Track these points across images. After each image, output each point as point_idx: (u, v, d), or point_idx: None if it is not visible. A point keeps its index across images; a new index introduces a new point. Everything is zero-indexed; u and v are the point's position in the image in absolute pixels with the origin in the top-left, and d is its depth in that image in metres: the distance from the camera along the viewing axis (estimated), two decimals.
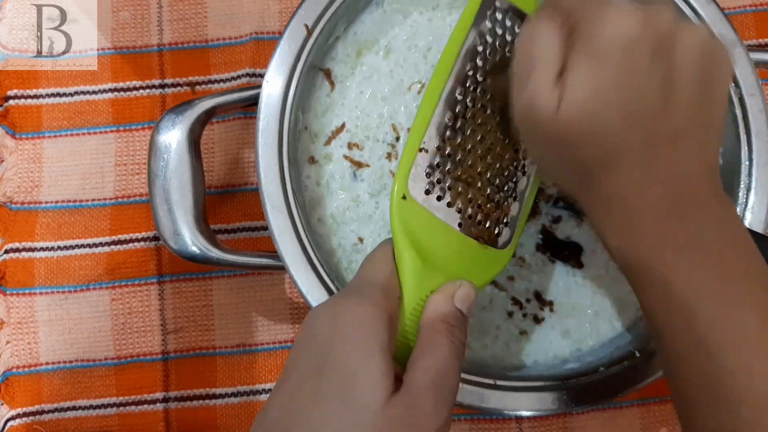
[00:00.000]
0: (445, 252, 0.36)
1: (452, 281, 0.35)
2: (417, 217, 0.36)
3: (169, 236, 0.42)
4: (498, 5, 0.39)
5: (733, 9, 0.53)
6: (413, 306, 0.34)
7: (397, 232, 0.35)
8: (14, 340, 0.49)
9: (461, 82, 0.37)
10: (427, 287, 0.34)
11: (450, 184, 0.37)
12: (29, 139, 0.51)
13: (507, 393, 0.41)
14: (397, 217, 0.35)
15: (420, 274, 0.34)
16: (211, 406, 0.48)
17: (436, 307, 0.33)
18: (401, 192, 0.36)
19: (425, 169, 0.36)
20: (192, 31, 0.53)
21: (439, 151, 0.36)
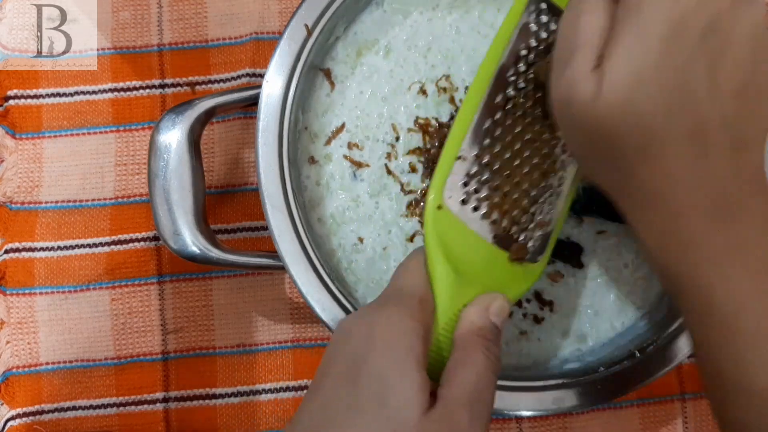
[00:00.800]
0: (479, 264, 0.35)
1: (486, 294, 0.34)
2: (451, 228, 0.34)
3: (169, 236, 0.42)
4: (543, 7, 0.37)
5: None
6: (447, 319, 0.33)
7: (432, 243, 0.34)
8: (14, 340, 0.49)
9: (502, 88, 0.36)
10: (460, 300, 0.33)
11: (486, 194, 0.35)
12: (29, 139, 0.51)
13: (507, 393, 0.41)
14: (431, 227, 0.34)
15: (454, 287, 0.34)
16: (211, 406, 0.48)
17: (471, 320, 0.33)
18: (437, 201, 0.34)
19: (462, 178, 0.35)
20: (192, 31, 0.53)
21: (477, 159, 0.35)
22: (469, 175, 0.35)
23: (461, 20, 0.47)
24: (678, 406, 0.48)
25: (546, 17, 0.37)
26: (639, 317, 0.45)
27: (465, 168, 0.35)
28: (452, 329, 0.33)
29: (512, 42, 0.36)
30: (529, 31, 0.36)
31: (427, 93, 0.46)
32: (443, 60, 0.46)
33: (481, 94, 0.35)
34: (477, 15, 0.47)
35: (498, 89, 0.36)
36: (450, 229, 0.34)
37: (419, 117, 0.45)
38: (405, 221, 0.45)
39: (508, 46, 0.36)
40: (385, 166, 0.45)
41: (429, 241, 0.34)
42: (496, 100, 0.36)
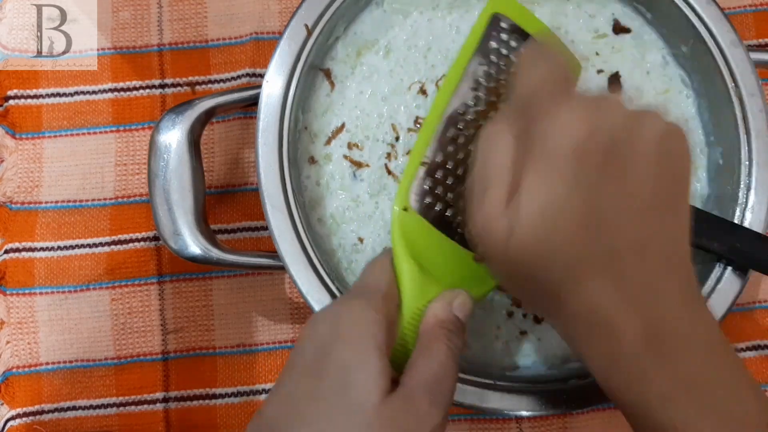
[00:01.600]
0: (444, 263, 0.37)
1: (450, 290, 0.35)
2: (417, 229, 0.37)
3: (169, 236, 0.42)
4: (503, 26, 0.39)
5: (733, 9, 0.53)
6: (412, 314, 0.34)
7: (397, 244, 0.36)
8: (14, 340, 0.49)
9: (464, 99, 0.38)
10: (425, 296, 0.35)
11: (450, 198, 0.37)
12: (29, 139, 0.51)
13: (507, 393, 0.41)
14: (397, 228, 0.36)
15: (419, 284, 0.35)
16: (211, 406, 0.48)
17: (435, 314, 0.34)
18: (402, 204, 0.37)
19: (427, 183, 0.37)
20: (192, 31, 0.53)
21: (441, 164, 0.37)
22: (434, 179, 0.37)
23: (461, 20, 0.47)
24: None
25: (506, 35, 0.40)
26: None
27: (429, 173, 0.37)
28: (417, 324, 0.34)
29: (475, 56, 0.39)
30: (489, 48, 0.39)
31: (427, 93, 0.46)
32: (443, 60, 0.46)
33: (445, 104, 0.38)
34: (477, 15, 0.46)
35: (461, 99, 0.38)
36: (416, 230, 0.37)
37: (419, 117, 0.46)
38: None
39: (470, 60, 0.39)
40: (385, 166, 0.45)
41: (395, 240, 0.36)
42: (459, 110, 0.38)
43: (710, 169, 0.46)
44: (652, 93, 0.47)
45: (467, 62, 0.39)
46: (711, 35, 0.44)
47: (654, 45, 0.48)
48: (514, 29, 0.40)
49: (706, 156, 0.46)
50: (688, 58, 0.46)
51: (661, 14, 0.47)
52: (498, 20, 0.39)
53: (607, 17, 0.48)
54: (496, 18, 0.39)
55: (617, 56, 0.47)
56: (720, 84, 0.44)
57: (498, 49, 0.39)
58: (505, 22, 0.40)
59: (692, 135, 0.47)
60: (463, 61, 0.39)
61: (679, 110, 0.47)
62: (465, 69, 0.39)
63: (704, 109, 0.46)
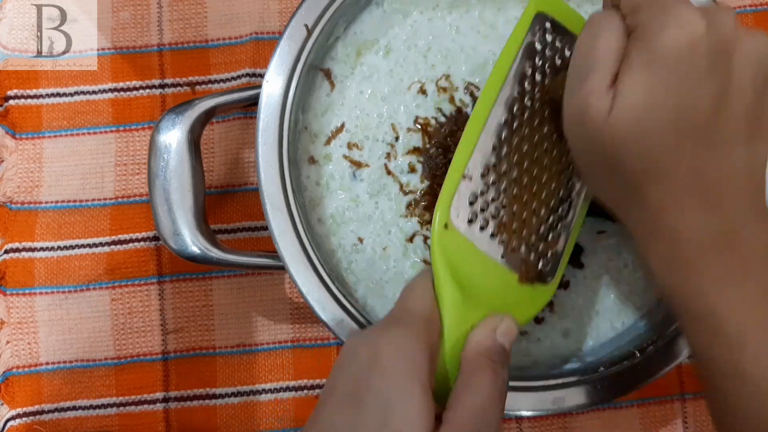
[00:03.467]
0: (487, 286, 0.34)
1: (494, 315, 0.33)
2: (458, 248, 0.34)
3: (169, 236, 0.42)
4: (548, 26, 0.37)
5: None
6: (453, 341, 0.32)
7: (439, 263, 0.33)
8: (14, 340, 0.49)
9: (508, 107, 0.36)
10: (468, 322, 0.33)
11: (494, 213, 0.35)
12: (29, 139, 0.51)
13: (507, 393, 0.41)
14: (438, 247, 0.34)
15: (461, 309, 0.33)
16: (211, 406, 0.48)
17: (478, 342, 0.32)
18: (443, 220, 0.34)
19: (468, 197, 0.34)
20: (192, 31, 0.53)
21: (483, 178, 0.35)
22: (476, 194, 0.35)
23: (461, 20, 0.47)
24: (678, 406, 0.48)
25: (551, 36, 0.37)
26: (639, 317, 0.45)
27: (471, 187, 0.35)
28: (459, 351, 0.32)
29: (517, 60, 0.36)
30: (534, 50, 0.36)
31: (426, 93, 0.46)
32: (443, 60, 0.46)
33: (487, 112, 0.35)
34: (477, 15, 0.47)
35: (504, 107, 0.36)
36: (457, 249, 0.34)
37: (419, 117, 0.46)
38: (404, 221, 0.45)
39: (513, 65, 0.36)
40: (384, 166, 0.45)
41: (436, 260, 0.34)
42: (503, 119, 0.35)
43: None
44: None
45: (510, 66, 0.36)
46: None
47: None
48: (558, 29, 0.37)
49: None
50: None
51: None
52: (542, 20, 0.37)
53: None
54: (540, 18, 0.37)
55: None
56: None
57: (543, 50, 0.37)
58: (549, 22, 0.37)
59: None
60: (505, 64, 0.36)
61: None
62: (507, 73, 0.36)
63: None
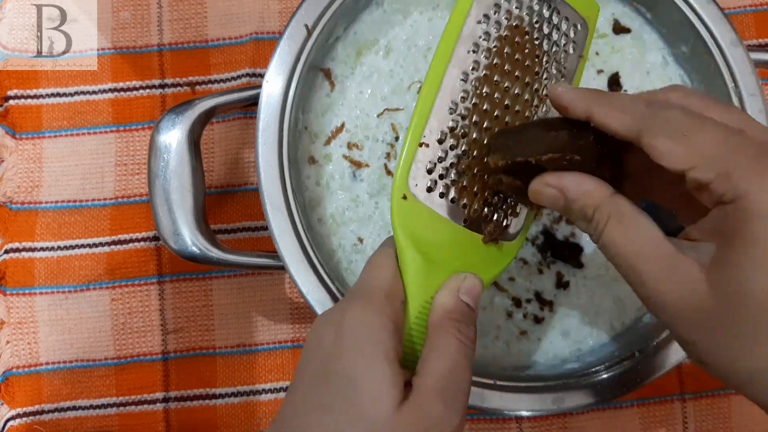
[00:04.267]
0: (451, 250, 0.34)
1: (456, 275, 0.33)
2: (419, 217, 0.34)
3: (169, 236, 0.42)
4: None
5: (733, 9, 0.53)
6: (419, 308, 0.32)
7: (399, 234, 0.33)
8: (14, 340, 0.49)
9: (462, 67, 0.34)
10: (432, 287, 0.33)
11: (454, 179, 0.34)
12: (29, 139, 0.51)
13: (507, 393, 0.41)
14: (397, 217, 0.33)
15: (424, 275, 0.33)
16: (211, 406, 0.48)
17: (441, 303, 0.32)
18: (401, 191, 0.34)
19: (426, 165, 0.34)
20: (192, 31, 0.53)
21: (440, 144, 0.34)
22: (434, 161, 0.34)
23: None
24: (678, 406, 0.48)
25: None
26: (639, 317, 0.45)
27: (429, 155, 0.34)
28: (425, 318, 0.32)
29: (471, 14, 0.34)
30: (487, 3, 0.35)
31: None
32: None
33: (441, 75, 0.34)
34: None
35: (459, 67, 0.34)
36: (417, 217, 0.34)
37: None
38: None
39: (466, 19, 0.34)
40: (384, 166, 0.45)
41: (396, 231, 0.33)
42: (458, 81, 0.34)
43: None
44: None
45: (462, 23, 0.34)
46: (711, 35, 0.44)
47: (654, 45, 0.48)
48: None
49: None
50: (688, 58, 0.46)
51: (661, 14, 0.47)
52: None
53: (607, 17, 0.48)
54: None
55: (617, 56, 0.47)
56: (720, 84, 0.44)
57: (497, 2, 0.35)
58: None
59: None
60: (457, 21, 0.34)
61: None
62: (460, 31, 0.34)
63: None
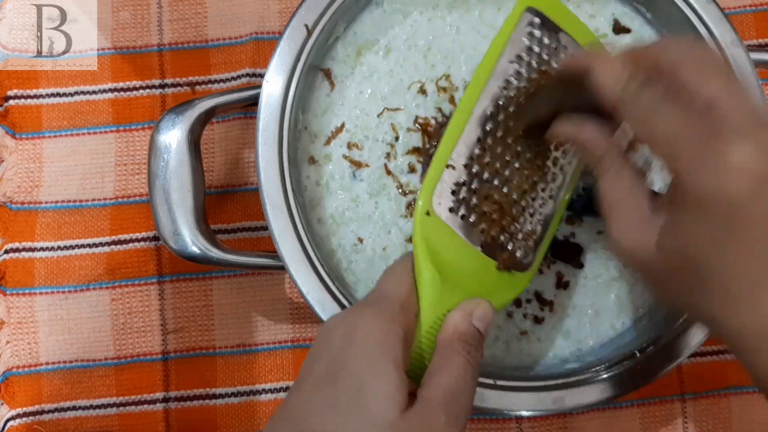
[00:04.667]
0: (466, 271, 0.35)
1: (471, 299, 0.34)
2: (439, 234, 0.35)
3: (169, 236, 0.42)
4: (536, 21, 0.37)
5: (733, 9, 0.53)
6: (430, 323, 0.33)
7: (419, 248, 0.34)
8: (14, 340, 0.49)
9: (493, 100, 0.36)
10: (445, 305, 0.34)
11: (475, 203, 0.36)
12: (29, 139, 0.51)
13: (507, 393, 0.41)
14: (419, 232, 0.35)
15: (439, 292, 0.34)
16: (211, 406, 0.48)
17: (454, 325, 0.33)
18: (425, 207, 0.35)
19: (451, 186, 0.35)
20: (192, 31, 0.53)
21: (466, 168, 0.36)
22: (458, 183, 0.36)
23: (461, 20, 0.47)
24: (678, 406, 0.48)
25: (539, 31, 0.37)
26: (639, 317, 0.45)
27: (454, 176, 0.36)
28: (435, 334, 0.33)
29: (505, 54, 0.37)
30: (521, 45, 0.37)
31: (426, 92, 0.46)
32: (443, 59, 0.46)
33: (472, 104, 0.36)
34: (477, 14, 0.47)
35: (490, 99, 0.36)
36: (438, 235, 0.35)
37: (419, 116, 0.45)
38: (404, 222, 0.45)
39: (501, 58, 0.36)
40: (384, 166, 0.45)
41: (417, 245, 0.35)
42: (488, 111, 0.36)
43: None
44: None
45: (497, 59, 0.36)
46: (711, 35, 0.44)
47: None
48: (547, 25, 0.38)
49: None
50: None
51: (661, 14, 0.47)
52: (531, 15, 0.37)
53: (607, 17, 0.48)
54: (529, 13, 0.37)
55: None
56: None
57: (530, 46, 0.37)
58: (538, 17, 0.37)
59: None
60: (492, 57, 0.36)
61: None
62: (494, 66, 0.36)
63: None
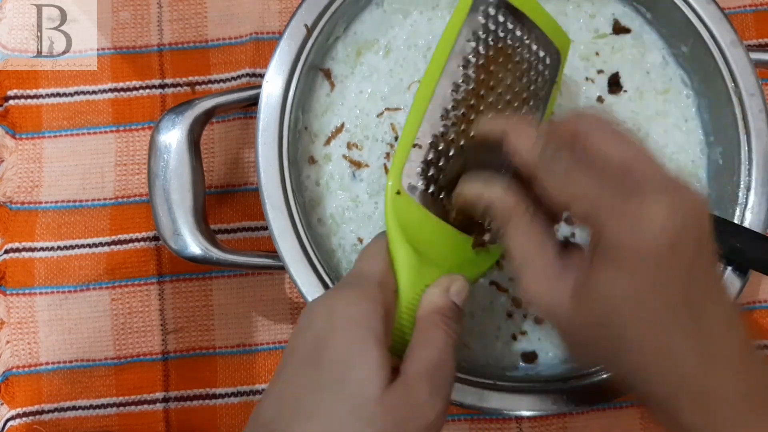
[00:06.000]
0: (440, 247, 0.36)
1: (447, 275, 0.35)
2: (411, 213, 0.36)
3: (169, 236, 0.42)
4: (490, 1, 0.38)
5: (733, 9, 0.53)
6: (409, 300, 0.34)
7: (392, 228, 0.35)
8: (14, 340, 0.49)
9: (453, 78, 0.37)
10: (422, 281, 0.35)
11: (443, 179, 0.37)
12: (29, 139, 0.51)
13: (507, 393, 0.41)
14: (391, 213, 0.35)
15: (415, 269, 0.35)
16: (211, 406, 0.48)
17: (432, 300, 0.34)
18: (395, 188, 0.35)
19: (419, 165, 0.36)
20: (192, 31, 0.53)
21: (432, 147, 0.36)
22: (426, 162, 0.36)
23: None
24: None
25: (493, 9, 0.38)
26: None
27: (422, 155, 0.36)
28: (414, 310, 0.34)
29: (462, 32, 0.37)
30: (477, 23, 0.37)
31: None
32: None
33: (434, 84, 0.36)
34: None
35: (450, 78, 0.37)
36: (410, 214, 0.36)
37: None
38: None
39: (458, 37, 0.37)
40: (384, 166, 0.45)
41: (389, 225, 0.35)
42: (448, 90, 0.37)
43: (710, 169, 0.46)
44: (652, 93, 0.47)
45: (455, 39, 0.37)
46: (711, 35, 0.44)
47: (654, 45, 0.48)
48: (500, 3, 0.38)
49: (705, 156, 0.46)
50: (688, 58, 0.46)
51: (661, 14, 0.47)
52: None
53: (607, 17, 0.48)
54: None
55: (617, 56, 0.47)
56: (720, 84, 0.44)
57: (486, 24, 0.38)
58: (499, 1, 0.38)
59: (692, 135, 0.47)
60: (450, 37, 0.37)
61: (678, 110, 0.47)
62: (453, 46, 0.37)
63: (704, 109, 0.46)
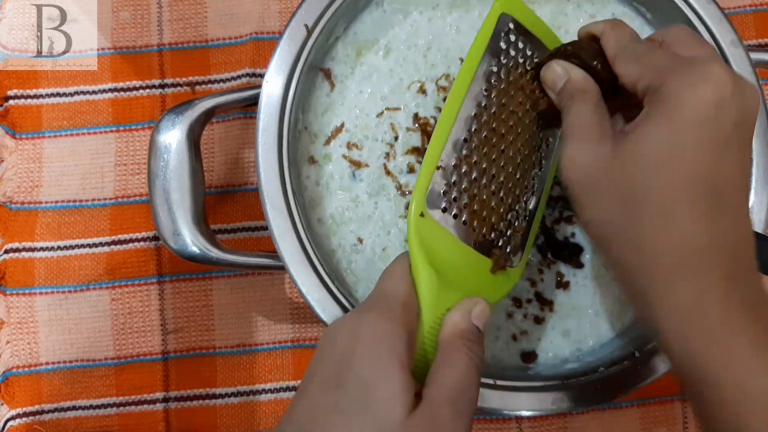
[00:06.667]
0: (462, 270, 0.36)
1: (468, 298, 0.35)
2: (434, 235, 0.36)
3: (169, 236, 0.42)
4: (511, 26, 0.39)
5: (733, 9, 0.53)
6: (431, 322, 0.34)
7: (415, 250, 0.35)
8: (14, 340, 0.49)
9: (478, 101, 0.38)
10: (444, 304, 0.34)
11: (466, 202, 0.37)
12: (29, 139, 0.51)
13: (507, 393, 0.41)
14: (415, 234, 0.35)
15: (437, 291, 0.35)
16: (211, 406, 0.48)
17: (454, 324, 0.34)
18: (419, 209, 0.36)
19: (442, 187, 0.36)
20: (192, 31, 0.53)
21: (455, 169, 0.37)
22: (449, 184, 0.36)
23: (461, 19, 0.47)
24: (678, 406, 0.48)
25: (514, 36, 0.39)
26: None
27: (445, 177, 0.36)
28: (436, 332, 0.34)
29: (484, 59, 0.38)
30: (499, 49, 0.38)
31: (426, 92, 0.46)
32: (443, 59, 0.46)
33: (458, 107, 0.37)
34: (477, 14, 0.47)
35: (473, 101, 0.37)
36: (433, 236, 0.36)
37: (418, 116, 0.46)
38: (404, 222, 0.45)
39: (480, 63, 0.38)
40: (384, 166, 0.45)
41: (413, 247, 0.35)
42: (472, 113, 0.37)
43: None
44: None
45: (478, 63, 0.38)
46: (711, 35, 0.44)
47: None
48: (520, 29, 0.39)
49: None
50: None
51: (661, 14, 0.47)
52: (505, 21, 0.39)
53: (608, 17, 0.48)
54: (504, 18, 0.39)
55: None
56: None
57: (507, 49, 0.39)
58: (512, 23, 0.39)
59: None
60: (473, 62, 0.38)
61: None
62: (476, 70, 0.38)
63: None
